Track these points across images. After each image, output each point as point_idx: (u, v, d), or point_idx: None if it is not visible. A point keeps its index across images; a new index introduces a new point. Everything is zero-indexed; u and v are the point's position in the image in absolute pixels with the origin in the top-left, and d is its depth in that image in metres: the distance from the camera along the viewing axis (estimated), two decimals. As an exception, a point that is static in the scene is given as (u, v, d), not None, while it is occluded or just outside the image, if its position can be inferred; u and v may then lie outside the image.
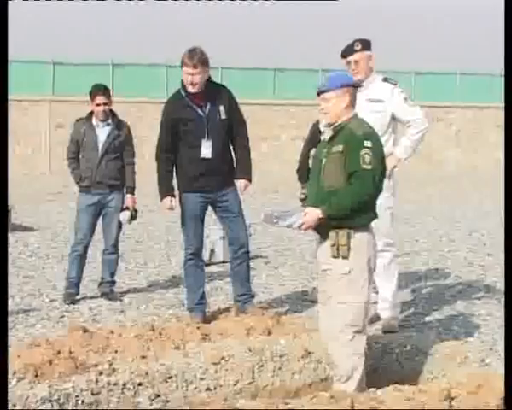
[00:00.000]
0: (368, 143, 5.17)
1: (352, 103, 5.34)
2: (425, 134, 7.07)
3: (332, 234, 5.20)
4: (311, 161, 7.79)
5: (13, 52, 26.99)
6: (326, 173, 5.26)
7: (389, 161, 6.87)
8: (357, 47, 6.84)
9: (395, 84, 6.97)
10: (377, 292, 7.01)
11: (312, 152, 7.72)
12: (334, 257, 5.20)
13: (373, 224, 6.71)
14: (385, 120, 6.89)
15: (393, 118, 6.97)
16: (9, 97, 24.69)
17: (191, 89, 6.89)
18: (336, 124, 5.29)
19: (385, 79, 7.02)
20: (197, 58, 6.83)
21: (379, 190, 5.30)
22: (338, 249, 5.19)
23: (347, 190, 5.18)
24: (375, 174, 5.18)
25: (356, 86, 5.44)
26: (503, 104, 6.20)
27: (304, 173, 8.12)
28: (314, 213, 5.22)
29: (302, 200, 8.25)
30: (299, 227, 5.31)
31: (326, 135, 5.38)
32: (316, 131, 7.69)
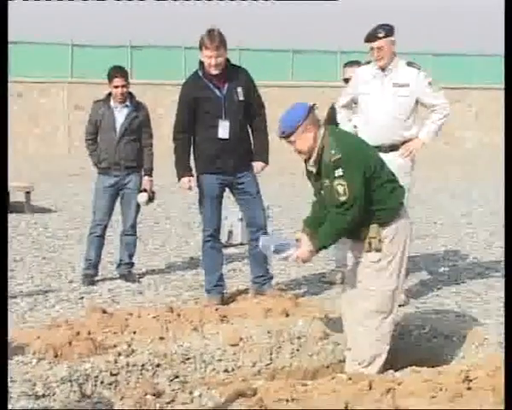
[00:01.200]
0: (339, 172, 5.06)
1: (317, 124, 5.22)
2: (447, 119, 7.08)
3: (363, 230, 5.18)
4: None
5: (32, 34, 27.06)
6: (328, 200, 5.27)
7: (414, 145, 6.91)
8: (380, 34, 6.83)
9: (419, 69, 6.97)
10: None
11: None
12: (368, 251, 5.17)
13: None
14: (410, 104, 6.93)
15: (417, 102, 6.98)
16: (28, 79, 24.70)
17: (213, 70, 6.85)
18: (314, 157, 5.21)
19: (409, 64, 7.03)
20: (218, 40, 6.79)
21: (365, 203, 5.16)
22: (370, 244, 5.16)
23: (330, 221, 5.17)
24: (354, 201, 5.06)
25: (312, 108, 5.26)
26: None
27: None
28: (306, 249, 5.23)
29: None
30: (295, 260, 5.35)
31: (313, 169, 5.31)
32: (333, 114, 7.66)
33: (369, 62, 7.15)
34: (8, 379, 4.92)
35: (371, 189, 5.15)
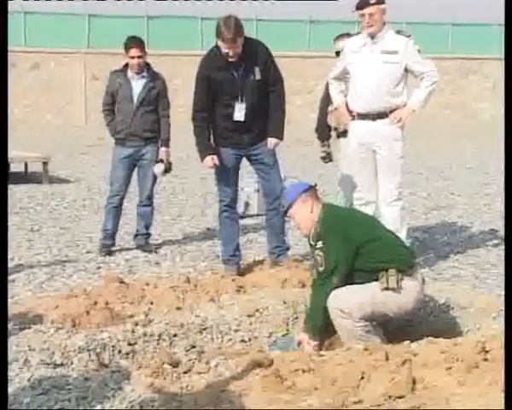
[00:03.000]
0: (319, 244, 5.23)
1: (315, 203, 5.40)
2: (436, 87, 7.09)
3: (380, 274, 5.18)
4: (329, 117, 7.78)
5: (48, 4, 26.98)
6: None
7: (403, 112, 6.95)
8: (372, 1, 6.85)
9: (409, 37, 7.01)
10: None
11: (330, 108, 7.70)
12: (385, 289, 5.16)
13: (385, 175, 6.81)
14: (399, 71, 6.96)
15: (406, 70, 7.00)
16: (44, 49, 24.66)
17: (230, 59, 6.81)
18: (312, 236, 5.35)
19: (398, 32, 7.10)
20: (234, 30, 6.68)
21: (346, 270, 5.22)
22: (387, 281, 5.15)
23: (312, 293, 5.31)
24: (331, 272, 5.16)
25: (312, 187, 5.49)
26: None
27: (323, 131, 8.10)
28: (304, 341, 5.22)
29: (323, 158, 8.23)
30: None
31: (311, 241, 5.41)
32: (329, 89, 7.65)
33: (359, 33, 7.19)
34: (27, 348, 4.97)
35: (367, 254, 5.20)
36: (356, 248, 5.19)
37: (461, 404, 4.11)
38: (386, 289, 5.15)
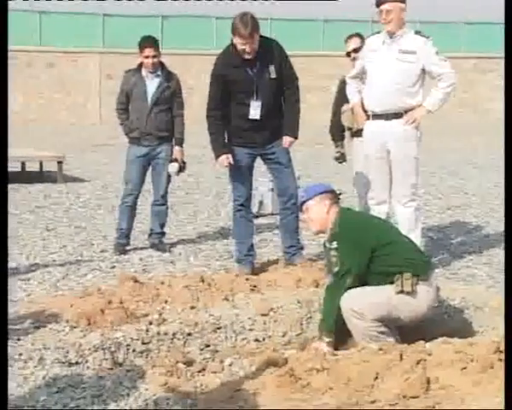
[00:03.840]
0: (333, 244, 5.25)
1: (333, 206, 5.44)
2: (453, 89, 7.06)
3: (396, 277, 5.17)
4: (342, 117, 7.76)
5: (63, 4, 27.07)
6: None
7: (418, 113, 6.93)
8: None
9: (427, 37, 6.98)
10: None
11: (343, 108, 7.68)
12: (399, 292, 5.15)
13: (400, 175, 6.81)
14: (416, 71, 6.93)
15: (423, 71, 6.96)
16: (59, 49, 24.77)
17: (247, 56, 6.80)
18: (327, 238, 5.39)
19: (417, 32, 7.06)
20: (251, 27, 6.69)
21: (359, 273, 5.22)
22: (402, 285, 5.14)
23: (327, 293, 5.29)
24: (346, 272, 5.17)
25: (333, 192, 5.55)
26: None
27: (336, 132, 8.09)
28: (322, 347, 5.18)
29: (337, 158, 8.22)
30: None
31: (326, 242, 5.45)
32: (343, 88, 7.63)
33: (379, 32, 7.17)
34: (42, 346, 4.98)
35: (382, 258, 5.21)
36: (370, 252, 5.19)
37: (476, 404, 4.10)
38: (401, 292, 5.13)
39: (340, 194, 5.61)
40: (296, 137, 7.10)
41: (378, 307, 5.14)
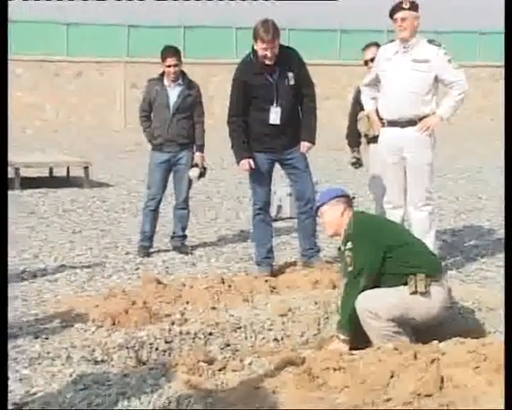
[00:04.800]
0: (348, 245, 5.24)
1: (347, 210, 5.43)
2: (464, 96, 7.01)
3: (410, 277, 5.15)
4: (358, 124, 7.75)
5: (89, 16, 27.20)
6: None
7: (432, 120, 6.90)
8: (405, 6, 6.86)
9: (439, 46, 6.95)
10: None
11: (360, 114, 7.67)
12: (413, 293, 5.13)
13: (415, 180, 6.79)
14: (429, 79, 6.91)
15: (436, 79, 6.94)
16: (87, 58, 24.86)
17: (268, 61, 6.81)
18: (342, 240, 5.37)
19: (430, 41, 7.05)
20: (272, 32, 6.72)
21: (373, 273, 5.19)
22: (416, 286, 5.13)
23: (344, 292, 5.29)
24: (360, 271, 5.16)
25: (348, 196, 5.54)
26: None
27: (353, 138, 8.08)
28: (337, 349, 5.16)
29: (353, 164, 8.21)
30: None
31: (340, 245, 5.45)
32: (359, 97, 7.62)
33: (392, 41, 7.15)
34: (69, 345, 5.00)
35: (396, 259, 5.18)
36: (384, 252, 5.18)
37: (489, 403, 4.08)
38: (415, 292, 5.12)
39: (353, 198, 5.61)
40: (313, 143, 7.10)
41: (392, 307, 5.12)
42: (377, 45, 7.64)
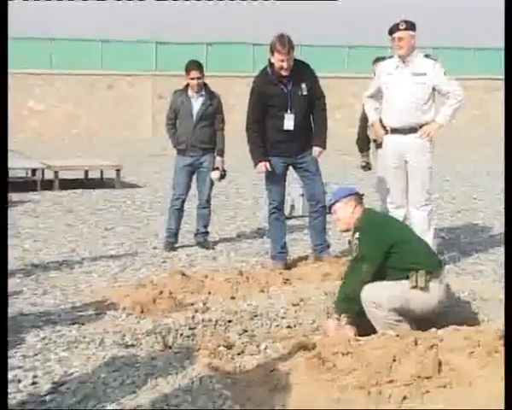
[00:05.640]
0: (356, 235, 5.23)
1: (359, 206, 5.42)
2: (461, 104, 7.02)
3: (411, 273, 5.13)
4: (369, 130, 7.74)
5: (121, 34, 27.28)
6: None
7: (431, 127, 6.92)
8: (402, 26, 6.89)
9: (435, 60, 6.98)
10: None
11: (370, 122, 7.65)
12: (413, 287, 5.11)
13: (415, 182, 6.76)
14: (427, 90, 6.92)
15: (434, 89, 6.95)
16: (118, 72, 24.95)
17: (284, 72, 6.81)
18: (352, 230, 5.35)
19: (426, 56, 7.07)
20: (288, 45, 6.73)
21: (375, 263, 5.16)
22: (416, 281, 5.11)
23: (345, 276, 5.32)
24: (363, 258, 5.14)
25: (357, 194, 5.51)
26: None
27: (363, 143, 8.07)
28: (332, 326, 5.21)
29: (363, 167, 8.20)
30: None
31: (351, 238, 5.42)
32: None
33: (391, 57, 7.16)
34: (102, 330, 5.02)
35: (400, 254, 5.16)
36: (389, 248, 5.16)
37: (482, 384, 4.07)
38: (415, 287, 5.11)
39: (363, 195, 5.59)
40: (325, 148, 7.09)
41: (394, 299, 5.11)
42: (384, 59, 7.63)
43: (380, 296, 5.10)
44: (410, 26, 6.90)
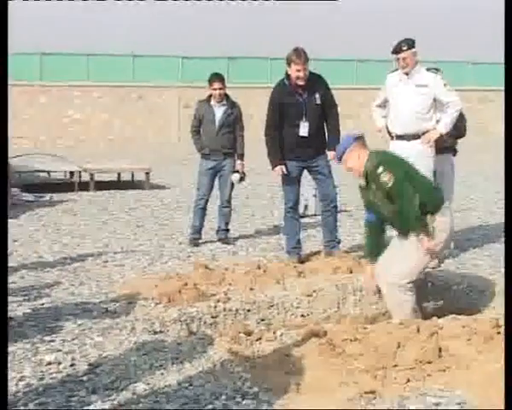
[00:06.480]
0: (380, 170, 5.13)
1: (363, 149, 5.34)
2: (459, 113, 7.00)
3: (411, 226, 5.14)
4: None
5: (151, 49, 27.37)
6: (381, 206, 5.26)
7: (433, 134, 6.90)
8: (404, 47, 6.89)
9: (436, 73, 6.96)
10: None
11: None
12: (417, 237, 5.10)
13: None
14: (429, 100, 6.91)
15: (435, 100, 6.94)
16: (147, 84, 24.98)
17: (300, 82, 6.81)
18: (361, 173, 5.30)
19: (428, 69, 7.04)
20: (304, 56, 6.75)
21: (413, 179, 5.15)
22: (425, 232, 5.09)
23: (400, 209, 5.13)
24: (400, 180, 5.07)
25: (358, 138, 5.42)
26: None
27: None
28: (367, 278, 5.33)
29: None
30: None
31: (362, 182, 5.37)
32: None
33: (396, 70, 7.13)
34: (133, 318, 5.03)
35: (412, 185, 5.11)
36: (405, 174, 5.13)
37: (478, 368, 4.05)
38: (422, 236, 5.08)
39: (362, 135, 5.43)
40: None
41: (415, 264, 5.12)
42: (435, 70, 7.65)
43: (402, 275, 5.10)
44: (412, 44, 6.92)
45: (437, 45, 30.43)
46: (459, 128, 7.34)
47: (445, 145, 7.27)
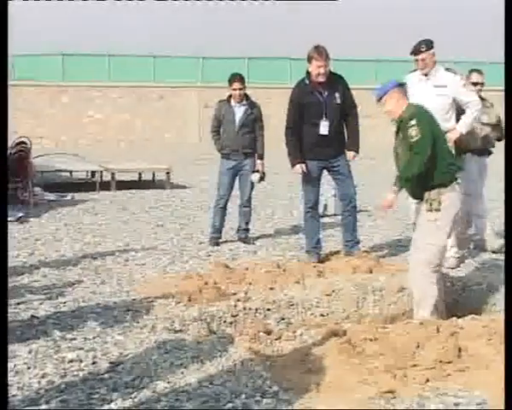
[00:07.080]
0: (412, 122, 5.20)
1: (403, 96, 5.42)
2: (478, 113, 7.00)
3: (426, 193, 5.18)
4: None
5: (171, 50, 27.47)
6: (402, 159, 5.34)
7: (453, 134, 6.88)
8: (423, 49, 6.83)
9: (455, 73, 6.93)
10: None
11: None
12: (429, 210, 5.14)
13: None
14: (448, 100, 6.86)
15: (454, 100, 6.90)
16: (168, 85, 25.08)
17: (321, 78, 6.81)
18: (397, 119, 5.36)
19: (447, 69, 7.00)
20: (324, 53, 6.76)
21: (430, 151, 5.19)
22: (431, 204, 5.14)
23: (408, 162, 5.24)
24: (423, 141, 5.15)
25: (401, 85, 5.52)
26: None
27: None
28: (389, 196, 5.38)
29: None
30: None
31: (395, 127, 5.44)
32: None
33: (415, 70, 7.12)
34: (154, 317, 5.06)
35: (435, 151, 5.19)
36: (433, 140, 5.21)
37: (497, 368, 4.03)
38: (430, 210, 5.16)
39: (404, 83, 5.56)
40: (358, 153, 7.09)
41: (436, 246, 5.17)
42: (477, 71, 7.63)
43: (431, 256, 5.13)
44: (430, 45, 6.87)
45: (451, 43, 30.23)
46: (500, 130, 7.38)
47: (486, 147, 7.33)
